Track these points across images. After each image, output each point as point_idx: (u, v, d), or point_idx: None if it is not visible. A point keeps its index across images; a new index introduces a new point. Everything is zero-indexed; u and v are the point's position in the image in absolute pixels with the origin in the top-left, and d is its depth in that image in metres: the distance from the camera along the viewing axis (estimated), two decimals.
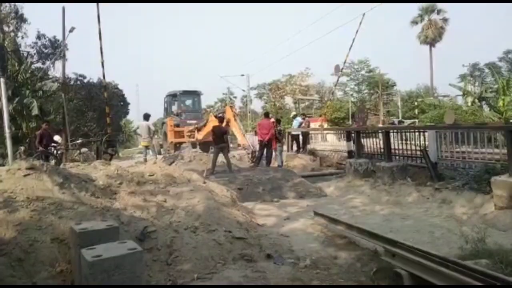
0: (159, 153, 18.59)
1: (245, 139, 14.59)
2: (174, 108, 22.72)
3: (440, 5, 43.65)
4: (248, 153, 14.18)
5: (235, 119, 14.86)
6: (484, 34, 73.52)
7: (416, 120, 29.71)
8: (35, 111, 17.88)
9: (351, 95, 47.63)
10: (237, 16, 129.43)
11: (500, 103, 19.28)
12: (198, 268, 4.24)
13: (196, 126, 19.28)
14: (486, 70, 40.27)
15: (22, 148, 17.45)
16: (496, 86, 21.15)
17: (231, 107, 16.15)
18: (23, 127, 18.73)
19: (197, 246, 4.59)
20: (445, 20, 43.96)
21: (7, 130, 8.39)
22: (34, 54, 23.84)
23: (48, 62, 23.30)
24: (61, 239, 3.90)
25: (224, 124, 12.99)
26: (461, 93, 29.69)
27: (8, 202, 4.26)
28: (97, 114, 26.53)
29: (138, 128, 14.61)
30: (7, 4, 23.16)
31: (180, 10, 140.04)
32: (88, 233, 3.43)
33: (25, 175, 4.91)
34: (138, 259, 3.11)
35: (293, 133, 16.51)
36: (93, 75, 30.19)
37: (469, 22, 78.03)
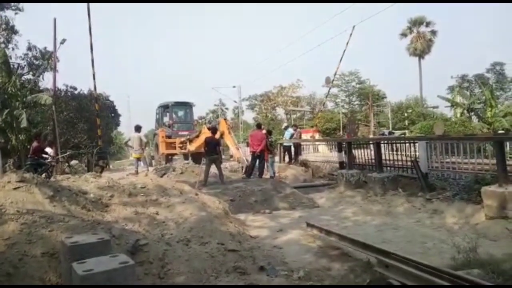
0: (151, 165, 18.48)
1: (239, 153, 14.58)
2: (166, 119, 22.66)
3: (428, 18, 44.53)
4: (242, 166, 14.16)
5: (229, 132, 14.86)
6: (473, 46, 74.90)
7: (406, 131, 30.02)
8: (23, 124, 17.71)
9: (342, 106, 48.06)
10: (228, 27, 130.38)
11: (488, 114, 19.62)
12: (191, 281, 4.20)
13: (188, 137, 19.24)
14: (475, 82, 40.98)
15: (11, 160, 17.23)
16: (484, 97, 21.53)
17: (225, 119, 16.17)
18: (13, 140, 18.50)
19: (189, 259, 4.55)
20: (433, 32, 44.75)
21: None
22: (25, 65, 23.68)
23: (38, 74, 23.14)
24: (52, 253, 3.84)
25: (217, 137, 12.99)
26: (449, 104, 30.16)
27: None
28: (87, 126, 26.32)
29: (129, 140, 14.48)
30: None
31: (171, 21, 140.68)
32: (79, 247, 3.38)
33: (15, 188, 4.85)
34: (130, 273, 3.07)
35: (285, 144, 16.56)
36: (84, 86, 30.11)
37: (457, 35, 79.57)
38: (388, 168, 10.40)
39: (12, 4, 23.50)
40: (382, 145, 10.72)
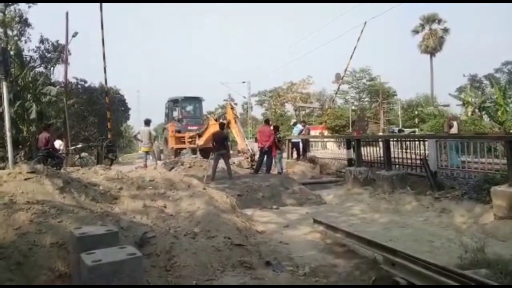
0: (159, 159, 18.58)
1: (245, 142, 14.53)
2: (175, 114, 22.75)
3: (440, 15, 44.04)
4: (247, 158, 14.14)
5: (235, 121, 14.81)
6: (482, 45, 73.91)
7: (416, 129, 29.75)
8: (32, 115, 17.96)
9: (352, 103, 47.74)
10: (239, 23, 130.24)
11: (499, 113, 19.35)
12: (197, 274, 4.23)
13: (197, 132, 19.30)
14: (485, 81, 40.41)
15: (23, 152, 17.45)
16: (495, 96, 21.21)
17: (232, 107, 15.96)
18: (24, 131, 18.75)
19: (196, 252, 4.58)
20: (445, 30, 44.27)
21: (8, 134, 8.38)
22: (37, 58, 23.94)
23: (50, 67, 23.39)
24: (61, 243, 3.89)
25: (225, 126, 12.99)
26: (460, 103, 29.81)
27: (8, 205, 4.26)
28: (97, 119, 26.60)
29: (138, 133, 14.57)
30: (12, 8, 23.30)
31: (182, 16, 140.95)
32: (87, 238, 3.42)
33: (26, 179, 4.93)
34: (138, 265, 3.10)
35: (293, 140, 16.53)
36: (94, 80, 30.37)
37: (468, 33, 78.53)
38: (397, 166, 10.33)
39: None
40: (391, 142, 10.64)
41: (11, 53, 19.15)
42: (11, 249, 3.69)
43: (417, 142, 10.72)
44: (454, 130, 13.75)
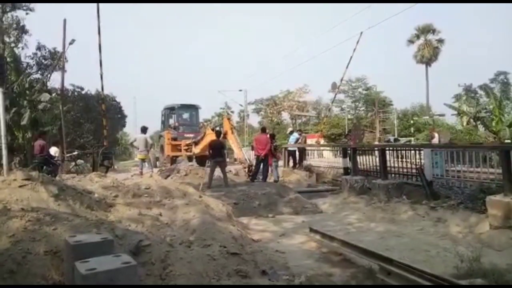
0: (155, 166, 18.53)
1: (242, 153, 14.55)
2: (172, 121, 22.71)
3: (435, 26, 44.57)
4: (245, 168, 14.15)
5: (232, 132, 14.85)
6: (477, 56, 74.63)
7: (412, 139, 29.90)
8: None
9: (348, 112, 48.00)
10: (236, 31, 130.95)
11: (494, 123, 19.52)
12: (192, 283, 4.19)
13: (193, 140, 19.28)
14: (480, 92, 40.76)
15: (18, 158, 17.37)
16: (491, 106, 21.38)
17: (228, 119, 16.08)
18: (19, 138, 18.68)
19: (191, 261, 4.55)
20: (440, 40, 44.75)
21: (3, 140, 8.33)
22: (34, 65, 23.93)
23: (47, 74, 23.36)
24: (55, 251, 3.86)
25: (221, 136, 13.01)
26: (456, 112, 30.03)
27: (2, 213, 4.22)
28: (94, 126, 26.52)
29: (134, 140, 14.53)
30: (9, 15, 23.32)
31: (179, 24, 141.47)
32: (82, 246, 3.39)
33: (20, 186, 4.89)
34: (133, 273, 3.07)
35: (290, 148, 16.55)
36: (91, 87, 30.28)
37: (463, 44, 79.41)
38: (393, 175, 10.36)
39: (24, 4, 23.77)
40: (387, 151, 10.67)
41: (8, 59, 19.18)
42: (4, 257, 3.65)
43: (412, 152, 10.76)
44: (435, 141, 14.15)
